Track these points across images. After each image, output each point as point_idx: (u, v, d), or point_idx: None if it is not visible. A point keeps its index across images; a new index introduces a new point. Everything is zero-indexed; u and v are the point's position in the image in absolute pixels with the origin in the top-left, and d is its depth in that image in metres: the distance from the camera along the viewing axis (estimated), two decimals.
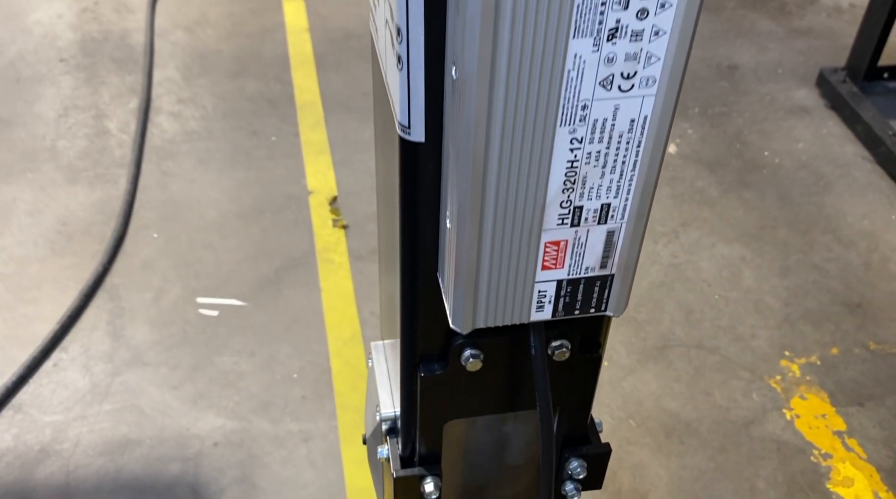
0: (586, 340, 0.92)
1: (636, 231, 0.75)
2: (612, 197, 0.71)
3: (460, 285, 0.76)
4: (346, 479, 2.04)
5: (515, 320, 0.80)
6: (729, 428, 2.21)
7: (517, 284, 0.77)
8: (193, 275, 2.58)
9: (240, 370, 2.30)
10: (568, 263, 0.76)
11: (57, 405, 2.19)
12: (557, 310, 0.80)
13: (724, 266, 2.70)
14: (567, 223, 0.72)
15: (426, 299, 0.86)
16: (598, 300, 0.80)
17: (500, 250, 0.74)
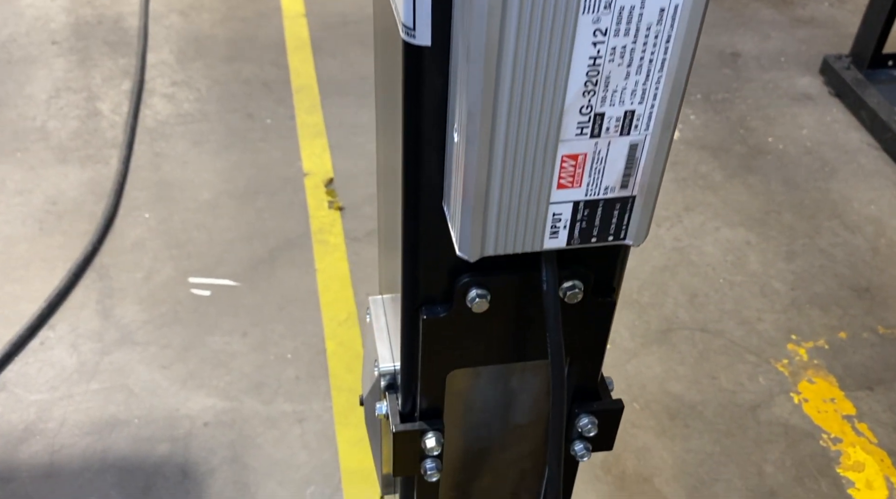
0: (600, 283, 0.86)
1: (661, 146, 0.69)
2: (637, 103, 0.65)
3: (468, 206, 0.70)
4: (341, 460, 1.98)
5: (527, 248, 0.74)
6: (735, 411, 2.15)
7: (530, 204, 0.70)
8: (185, 255, 2.52)
9: (232, 350, 2.23)
10: (586, 181, 0.70)
11: (43, 384, 2.12)
12: (573, 237, 0.74)
13: (729, 250, 2.64)
14: (586, 133, 0.66)
15: (430, 233, 0.79)
16: (616, 226, 0.74)
17: (512, 165, 0.67)
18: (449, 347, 0.89)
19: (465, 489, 1.14)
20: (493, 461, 1.11)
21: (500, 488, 1.14)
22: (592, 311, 0.88)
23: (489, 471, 1.12)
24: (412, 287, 0.85)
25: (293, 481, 1.93)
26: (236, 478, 1.92)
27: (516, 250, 0.74)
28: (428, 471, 0.97)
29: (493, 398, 1.02)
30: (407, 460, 0.97)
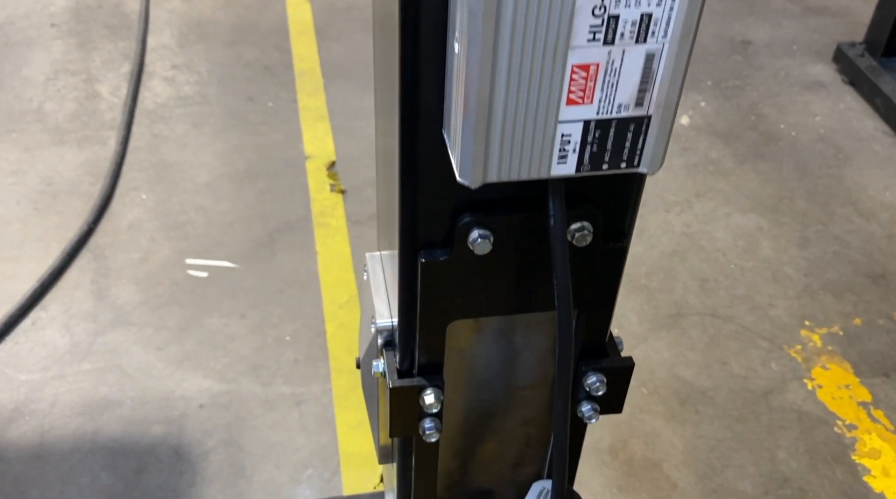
0: (610, 226, 0.80)
1: (679, 58, 0.62)
2: (655, 4, 0.59)
3: (469, 125, 0.64)
4: (340, 443, 1.91)
5: (534, 174, 0.67)
6: (747, 397, 2.08)
7: (537, 123, 0.64)
8: (183, 236, 2.46)
9: (229, 332, 2.17)
10: (598, 96, 0.64)
11: (34, 364, 2.06)
12: (583, 162, 0.68)
13: (740, 236, 2.57)
14: (599, 39, 0.60)
15: (429, 169, 0.73)
16: (630, 151, 0.68)
17: (517, 76, 0.61)
18: (449, 294, 0.82)
19: (466, 458, 1.08)
20: (496, 427, 1.05)
21: (503, 457, 1.08)
22: (602, 257, 0.82)
23: (492, 438, 1.05)
24: (410, 228, 0.78)
25: (291, 463, 1.87)
26: (232, 460, 1.86)
27: (521, 177, 0.67)
28: (427, 431, 0.91)
29: (496, 359, 0.96)
30: (405, 419, 0.91)
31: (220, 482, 1.81)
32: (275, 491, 1.81)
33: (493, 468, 1.09)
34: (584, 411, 0.94)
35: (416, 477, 1.02)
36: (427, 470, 1.01)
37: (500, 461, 1.09)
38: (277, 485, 1.82)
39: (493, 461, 1.08)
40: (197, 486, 1.80)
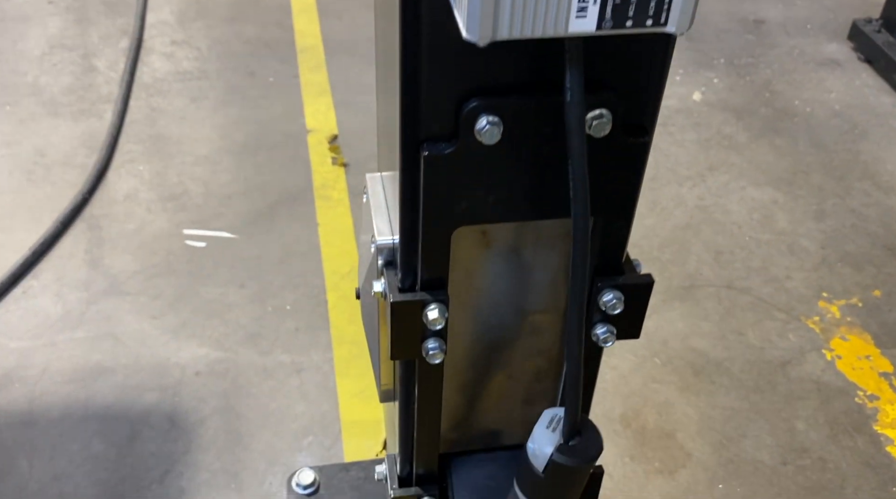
0: (630, 119, 0.72)
1: None
2: None
3: None
4: (341, 411, 1.84)
5: (549, 30, 0.60)
6: (764, 368, 2.00)
7: None
8: (180, 207, 2.39)
9: (227, 301, 2.10)
10: None
11: (24, 332, 1.99)
12: (604, 17, 0.60)
13: (755, 209, 2.49)
14: None
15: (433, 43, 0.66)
16: (657, 6, 0.60)
17: None
18: (455, 194, 0.75)
19: (472, 394, 1.00)
20: (504, 358, 0.97)
21: (511, 392, 1.00)
22: (621, 153, 0.74)
23: (499, 370, 0.98)
24: (412, 119, 0.71)
25: (290, 430, 1.79)
26: (228, 427, 1.79)
27: (535, 34, 0.60)
28: (430, 351, 0.83)
29: (504, 279, 0.88)
30: (407, 339, 0.83)
31: (216, 449, 1.74)
32: (273, 458, 1.73)
33: (501, 406, 1.02)
34: (598, 333, 0.87)
35: (419, 409, 0.94)
36: (431, 400, 0.93)
37: (508, 398, 1.01)
38: (276, 452, 1.74)
39: (500, 398, 1.01)
40: (192, 453, 1.73)
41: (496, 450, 1.08)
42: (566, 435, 0.84)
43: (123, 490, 1.65)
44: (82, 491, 1.64)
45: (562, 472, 0.84)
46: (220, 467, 1.71)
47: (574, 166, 0.67)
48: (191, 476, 1.68)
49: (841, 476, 1.77)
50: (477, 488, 1.05)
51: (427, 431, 0.98)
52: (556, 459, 0.83)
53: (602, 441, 0.86)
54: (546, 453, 0.84)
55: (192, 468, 1.70)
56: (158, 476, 1.68)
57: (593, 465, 0.86)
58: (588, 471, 0.86)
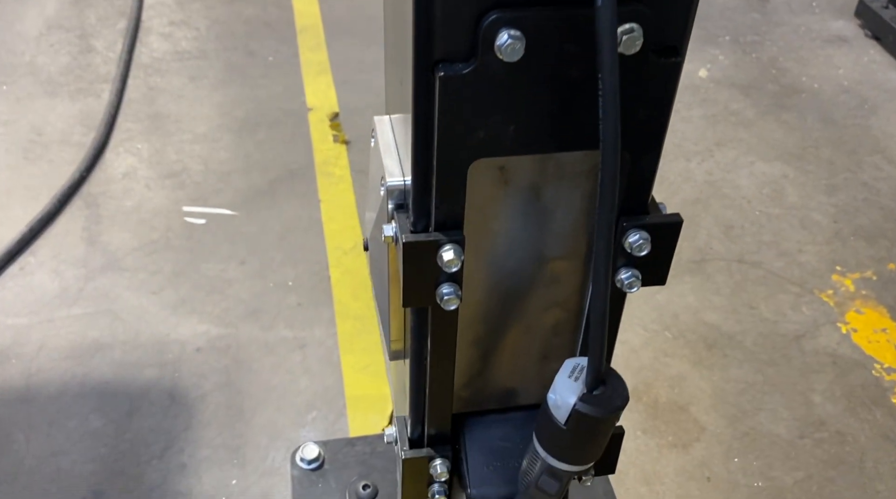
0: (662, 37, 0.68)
1: None
2: None
3: None
4: (346, 386, 1.79)
5: None
6: (778, 341, 1.96)
7: None
8: (179, 185, 2.34)
9: (228, 277, 2.06)
10: None
11: (21, 309, 1.94)
12: None
13: (765, 183, 2.45)
14: None
15: None
16: None
17: None
18: (472, 120, 0.70)
19: (487, 348, 0.95)
20: (522, 309, 0.92)
21: (528, 347, 0.96)
22: (652, 75, 0.69)
23: (516, 322, 0.93)
24: (426, 35, 0.66)
25: (293, 406, 1.75)
26: (230, 403, 1.74)
27: None
28: (444, 297, 0.79)
29: (523, 221, 0.84)
30: (420, 283, 0.79)
31: (217, 425, 1.70)
32: (276, 433, 1.69)
33: (517, 362, 0.97)
34: (623, 278, 0.82)
35: (431, 364, 0.90)
36: (444, 353, 0.89)
37: (524, 353, 0.96)
38: (279, 427, 1.70)
39: (516, 353, 0.96)
40: (193, 428, 1.69)
41: (511, 411, 1.04)
42: (590, 384, 0.79)
43: (122, 466, 1.61)
44: (80, 467, 1.60)
45: (585, 423, 0.80)
46: (222, 442, 1.66)
47: (605, 79, 0.63)
48: (191, 452, 1.64)
49: (860, 449, 1.72)
50: (491, 449, 1.01)
51: (440, 387, 0.94)
52: (580, 408, 0.79)
53: (627, 391, 0.82)
54: (569, 402, 0.80)
55: (193, 444, 1.65)
56: (158, 452, 1.64)
57: (618, 416, 0.82)
58: (613, 423, 0.82)
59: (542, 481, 0.87)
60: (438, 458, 0.98)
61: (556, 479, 0.86)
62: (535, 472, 0.87)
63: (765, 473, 1.66)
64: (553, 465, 0.85)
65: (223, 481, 1.59)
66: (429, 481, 1.01)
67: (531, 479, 0.89)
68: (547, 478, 0.86)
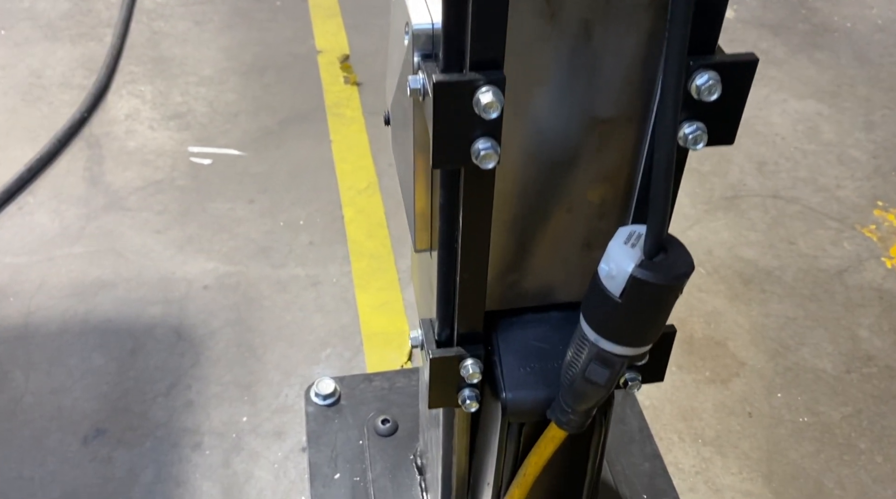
0: None
1: None
2: None
3: None
4: (362, 324, 1.69)
5: None
6: (819, 276, 1.84)
7: None
8: (185, 126, 2.24)
9: (236, 216, 1.96)
10: None
11: (19, 248, 1.85)
12: None
13: (799, 121, 2.33)
14: None
15: None
16: None
17: None
18: None
19: (524, 230, 0.85)
20: (564, 185, 0.82)
21: (570, 231, 0.85)
22: None
23: (557, 201, 0.82)
24: None
25: (307, 343, 1.65)
26: (240, 340, 1.65)
27: None
28: (481, 152, 0.68)
29: (569, 72, 0.73)
30: (454, 138, 0.68)
31: (226, 362, 1.60)
32: (289, 370, 1.59)
33: (557, 250, 0.86)
34: (687, 132, 0.71)
35: (463, 247, 0.79)
36: (478, 232, 0.78)
37: (565, 240, 0.86)
38: (292, 364, 1.60)
39: (556, 239, 0.85)
40: (201, 366, 1.59)
41: (549, 310, 0.94)
42: (649, 249, 0.69)
43: (126, 403, 1.51)
44: (82, 405, 1.51)
45: (645, 293, 0.69)
46: (232, 379, 1.57)
47: None
48: (199, 389, 1.54)
49: None
50: (527, 350, 0.90)
51: (472, 276, 0.83)
52: (639, 275, 0.68)
53: (692, 259, 0.71)
54: (626, 270, 0.69)
55: (201, 381, 1.56)
56: (164, 389, 1.54)
57: (682, 287, 0.71)
58: (675, 294, 0.71)
59: (591, 370, 0.76)
60: (470, 357, 0.88)
61: (607, 366, 0.75)
62: (583, 360, 0.77)
63: (811, 408, 1.55)
64: (604, 349, 0.74)
65: (233, 417, 1.50)
66: (458, 387, 0.91)
67: (577, 370, 0.78)
68: (596, 366, 0.76)
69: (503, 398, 0.88)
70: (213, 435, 1.47)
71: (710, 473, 1.44)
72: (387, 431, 1.43)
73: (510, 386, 0.88)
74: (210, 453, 1.44)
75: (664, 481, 1.39)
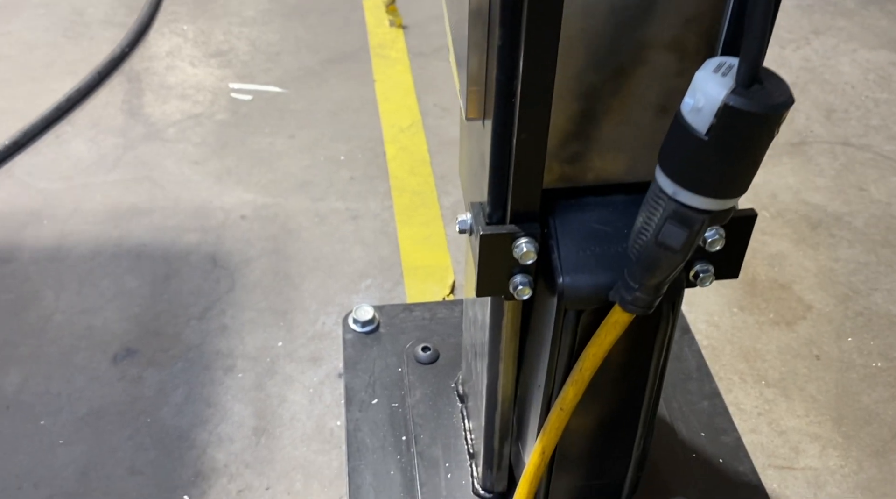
0: None
1: None
2: None
3: None
4: (403, 257, 1.62)
5: None
6: (892, 223, 1.72)
7: None
8: (226, 63, 2.18)
9: (275, 150, 1.89)
10: None
11: (55, 174, 1.80)
12: None
13: (870, 70, 2.19)
14: None
15: None
16: None
17: None
18: None
19: (590, 87, 0.75)
20: (638, 32, 0.72)
21: (643, 88, 0.75)
22: None
23: (631, 48, 0.73)
24: None
25: (345, 273, 1.57)
26: (277, 269, 1.58)
27: None
28: None
29: None
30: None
31: (262, 289, 1.53)
32: (327, 299, 1.52)
33: (627, 115, 0.77)
34: None
35: (522, 106, 0.70)
36: (539, 84, 0.69)
37: (637, 101, 0.76)
38: (330, 293, 1.53)
39: (627, 101, 0.76)
40: (236, 292, 1.53)
41: (615, 192, 0.84)
42: (745, 75, 0.59)
43: (158, 326, 1.45)
44: (113, 325, 1.45)
45: (737, 126, 0.59)
46: (267, 306, 1.50)
47: None
48: (234, 314, 1.48)
49: None
50: (588, 232, 0.81)
51: (530, 144, 0.74)
52: (732, 103, 0.58)
53: (791, 92, 0.61)
54: (716, 98, 0.59)
55: (236, 307, 1.50)
56: (198, 313, 1.48)
57: (779, 123, 0.61)
58: (771, 132, 0.61)
59: (666, 231, 0.67)
60: (524, 236, 0.79)
61: (685, 225, 0.66)
62: (657, 221, 0.67)
63: (885, 353, 1.44)
64: (683, 202, 0.65)
65: (268, 342, 1.43)
66: (510, 272, 0.82)
67: (649, 235, 0.69)
68: (672, 227, 0.66)
69: (560, 283, 0.79)
70: (246, 359, 1.40)
71: (774, 414, 1.34)
72: (427, 359, 1.35)
73: (568, 269, 0.79)
74: (243, 376, 1.37)
75: (724, 420, 1.29)
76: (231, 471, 1.23)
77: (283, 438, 1.28)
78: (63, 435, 1.27)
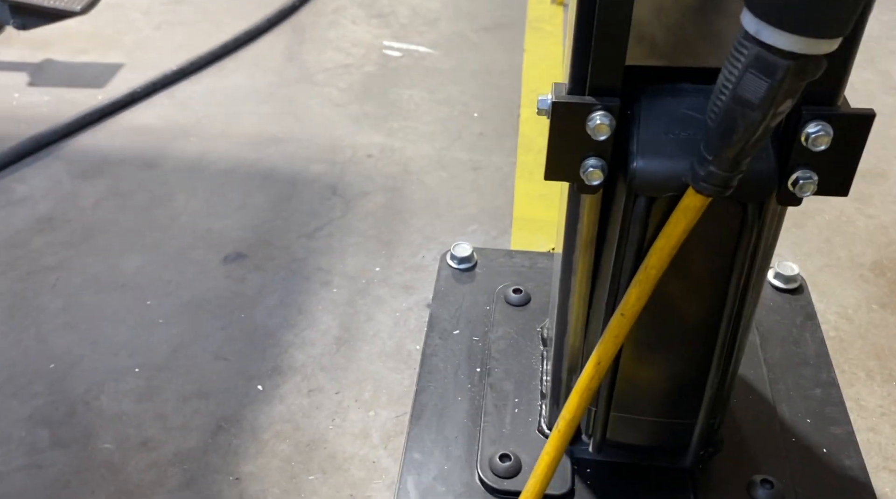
0: None
1: None
2: None
3: None
4: (515, 209, 1.60)
5: None
6: None
7: None
8: (385, 24, 2.26)
9: (414, 102, 1.93)
10: None
11: (210, 100, 1.94)
12: None
13: None
14: None
15: None
16: None
17: None
18: None
19: None
20: None
21: None
22: None
23: None
24: None
25: (455, 217, 1.58)
26: (391, 204, 1.61)
27: None
28: None
29: None
30: None
31: (373, 220, 1.57)
32: (431, 236, 1.53)
33: None
34: None
35: None
36: None
37: None
38: (436, 231, 1.54)
39: None
40: (348, 218, 1.57)
41: (713, 80, 0.78)
42: None
43: (271, 237, 1.52)
44: (230, 232, 1.54)
45: None
46: (374, 234, 1.53)
47: None
48: (341, 237, 1.52)
49: None
50: (674, 116, 0.74)
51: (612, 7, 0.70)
52: None
53: None
54: None
55: (345, 231, 1.54)
56: (309, 231, 1.54)
57: None
58: None
59: (745, 83, 0.59)
60: (601, 109, 0.74)
61: (767, 74, 0.58)
62: (738, 72, 0.61)
63: None
64: (766, 43, 0.57)
65: (367, 266, 1.46)
66: (583, 155, 0.77)
67: (728, 92, 0.62)
68: (752, 76, 0.59)
69: (632, 167, 0.73)
70: (344, 277, 1.44)
71: None
72: (517, 301, 1.32)
73: (644, 150, 0.73)
74: (337, 291, 1.41)
75: (838, 411, 1.16)
76: (306, 371, 1.26)
77: (361, 351, 1.30)
78: (164, 316, 1.35)
